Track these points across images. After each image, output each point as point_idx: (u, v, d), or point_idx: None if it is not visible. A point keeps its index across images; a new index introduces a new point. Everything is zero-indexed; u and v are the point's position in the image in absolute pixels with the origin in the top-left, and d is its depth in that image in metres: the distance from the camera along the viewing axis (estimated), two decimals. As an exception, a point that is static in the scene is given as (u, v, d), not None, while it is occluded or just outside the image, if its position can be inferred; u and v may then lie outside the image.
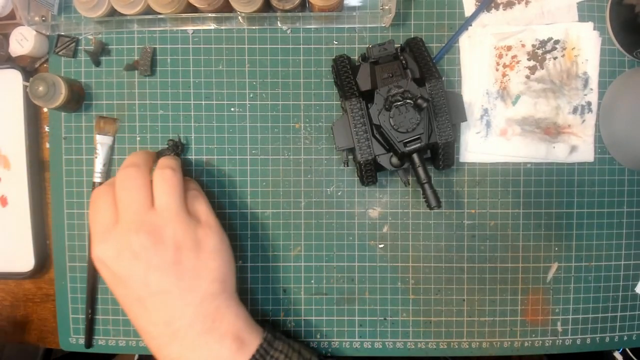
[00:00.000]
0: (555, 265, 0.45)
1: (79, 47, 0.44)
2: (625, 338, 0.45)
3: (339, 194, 0.45)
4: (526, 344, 0.45)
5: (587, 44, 0.44)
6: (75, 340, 0.45)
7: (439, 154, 0.40)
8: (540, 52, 0.44)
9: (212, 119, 0.44)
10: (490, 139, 0.44)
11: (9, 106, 0.44)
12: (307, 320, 0.45)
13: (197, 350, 0.33)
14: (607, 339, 0.45)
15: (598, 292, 0.45)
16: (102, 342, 0.45)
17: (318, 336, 0.45)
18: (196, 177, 0.45)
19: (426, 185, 0.37)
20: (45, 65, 0.45)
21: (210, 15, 0.42)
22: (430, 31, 0.44)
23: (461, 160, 0.45)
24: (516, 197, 0.45)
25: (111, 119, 0.44)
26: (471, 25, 0.44)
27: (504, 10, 0.44)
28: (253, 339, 0.35)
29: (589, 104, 0.44)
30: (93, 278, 0.44)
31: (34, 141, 0.45)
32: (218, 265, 0.35)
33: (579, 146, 0.44)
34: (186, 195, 0.37)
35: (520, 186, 0.45)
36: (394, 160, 0.39)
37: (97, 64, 0.44)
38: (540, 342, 0.45)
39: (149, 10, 0.41)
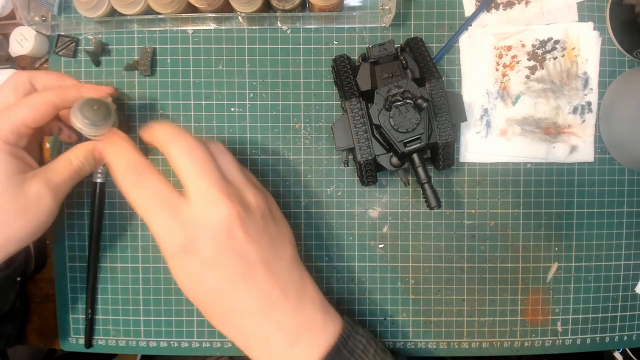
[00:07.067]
0: (555, 265, 0.45)
1: (79, 47, 0.44)
2: (625, 338, 0.45)
3: (339, 194, 0.45)
4: (526, 344, 0.45)
5: (587, 44, 0.44)
6: (75, 340, 0.45)
7: (439, 154, 0.40)
8: (540, 52, 0.44)
9: (212, 119, 0.44)
10: (490, 139, 0.44)
11: (9, 106, 0.44)
12: (307, 320, 0.45)
13: (296, 316, 0.31)
14: (607, 339, 0.45)
15: (598, 292, 0.45)
16: (102, 342, 0.45)
17: (318, 336, 0.45)
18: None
19: (426, 185, 0.37)
20: (45, 65, 0.45)
21: (210, 15, 0.42)
22: (430, 31, 0.44)
23: (461, 160, 0.45)
24: (516, 197, 0.45)
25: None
26: (471, 25, 0.44)
27: (504, 10, 0.44)
28: (332, 310, 0.33)
29: (589, 104, 0.44)
30: (93, 278, 0.44)
31: (34, 141, 0.44)
32: (289, 228, 0.34)
33: (579, 146, 0.44)
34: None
35: (520, 186, 0.45)
36: (394, 160, 0.39)
37: (97, 64, 0.44)
38: (540, 342, 0.45)
39: (149, 10, 0.41)
